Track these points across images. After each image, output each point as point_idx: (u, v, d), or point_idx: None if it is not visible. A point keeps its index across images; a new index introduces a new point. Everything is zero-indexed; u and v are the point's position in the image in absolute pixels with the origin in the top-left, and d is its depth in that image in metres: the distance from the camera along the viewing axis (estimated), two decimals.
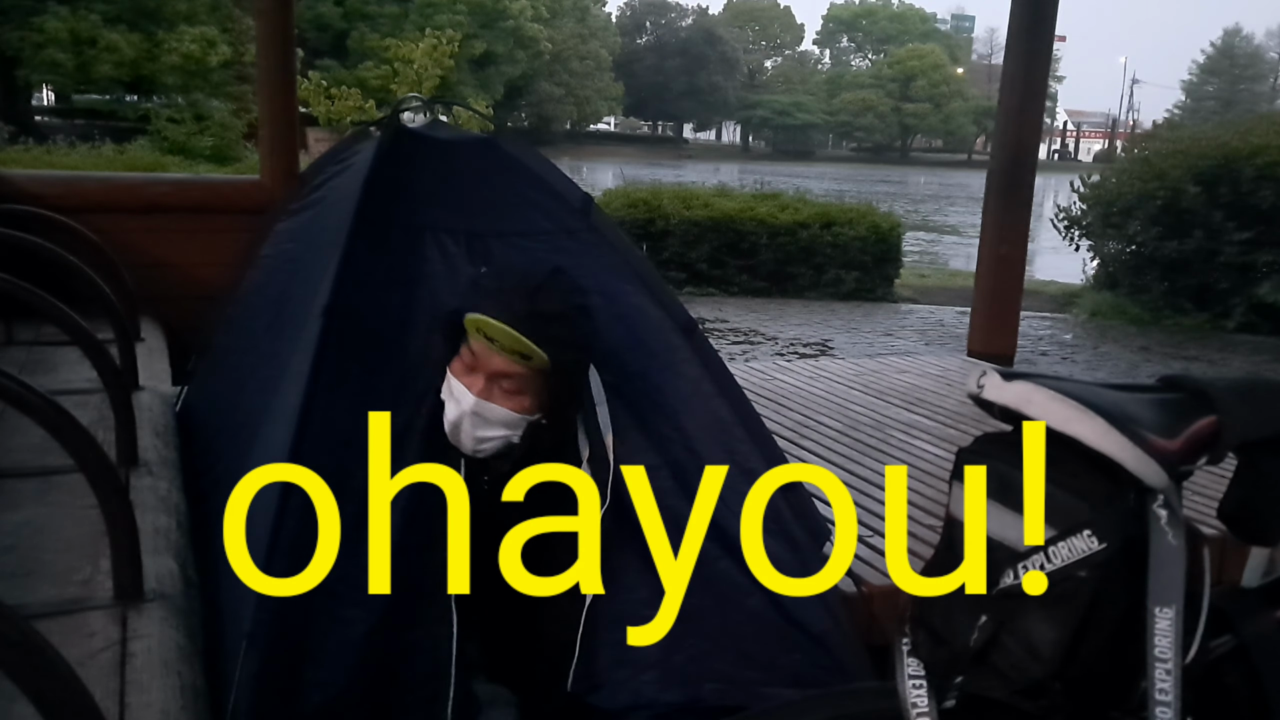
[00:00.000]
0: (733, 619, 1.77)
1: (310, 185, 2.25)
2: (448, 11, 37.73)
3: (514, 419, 1.66)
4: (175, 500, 1.76)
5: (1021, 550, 1.04)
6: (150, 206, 3.48)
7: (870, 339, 7.42)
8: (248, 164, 16.43)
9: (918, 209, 25.54)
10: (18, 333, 2.74)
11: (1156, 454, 1.03)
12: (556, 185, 2.03)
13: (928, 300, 9.70)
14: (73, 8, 24.26)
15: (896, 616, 1.17)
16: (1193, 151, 8.69)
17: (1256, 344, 7.71)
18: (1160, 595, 1.01)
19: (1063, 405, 1.04)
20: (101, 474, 1.28)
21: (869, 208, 10.39)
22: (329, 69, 31.14)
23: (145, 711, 1.09)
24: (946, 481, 1.16)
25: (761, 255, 9.46)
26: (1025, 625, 1.03)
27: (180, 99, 24.28)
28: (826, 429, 3.29)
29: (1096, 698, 1.06)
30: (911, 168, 57.52)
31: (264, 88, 3.60)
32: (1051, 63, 4.99)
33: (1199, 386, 1.12)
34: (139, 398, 2.17)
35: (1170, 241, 8.49)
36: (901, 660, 1.13)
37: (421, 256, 1.87)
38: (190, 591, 1.47)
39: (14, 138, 18.04)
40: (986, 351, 4.58)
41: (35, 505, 1.61)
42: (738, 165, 47.35)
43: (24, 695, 0.80)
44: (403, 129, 2.01)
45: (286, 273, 2.10)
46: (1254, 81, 70.15)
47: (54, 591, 1.33)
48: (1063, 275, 11.46)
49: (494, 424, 1.65)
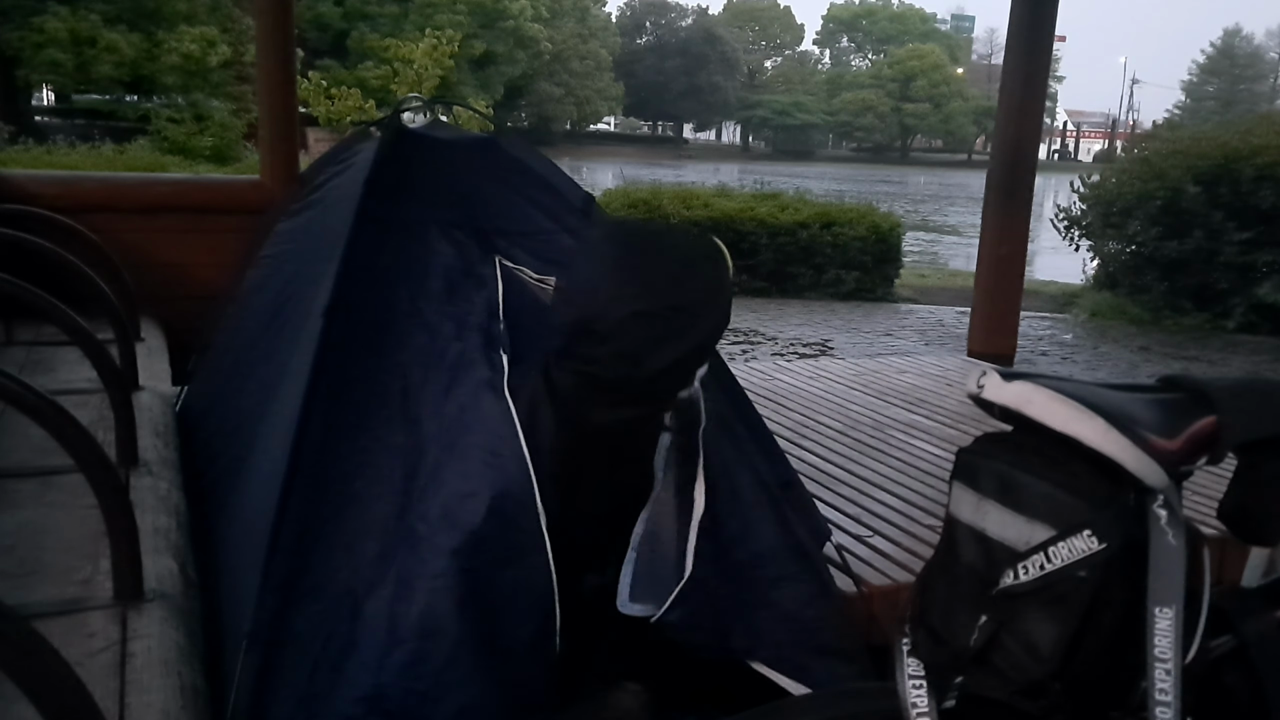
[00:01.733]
0: (789, 594, 1.81)
1: (310, 185, 2.26)
2: (448, 11, 37.71)
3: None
4: (175, 500, 1.76)
5: (1021, 550, 1.04)
6: (150, 206, 3.48)
7: (870, 339, 7.41)
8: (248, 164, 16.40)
9: (918, 209, 25.54)
10: (18, 333, 2.74)
11: (1156, 454, 1.03)
12: (557, 185, 2.03)
13: (928, 300, 9.69)
14: (73, 8, 24.23)
15: (896, 616, 1.17)
16: (1193, 151, 8.68)
17: (1256, 344, 7.71)
18: (1160, 595, 1.01)
19: (1063, 405, 1.04)
20: (101, 474, 1.28)
21: (869, 208, 10.39)
22: (329, 69, 31.13)
23: (145, 711, 1.09)
24: (946, 481, 1.16)
25: (761, 255, 9.46)
26: (1025, 625, 1.03)
27: (180, 99, 24.24)
28: (826, 429, 3.29)
29: (1096, 698, 1.06)
30: (911, 168, 57.49)
31: (264, 88, 3.60)
32: (1051, 63, 4.99)
33: (1199, 386, 1.12)
34: (139, 398, 2.17)
35: (1170, 241, 8.48)
36: (901, 660, 1.13)
37: (428, 250, 1.87)
38: (190, 591, 1.47)
39: (14, 138, 18.00)
40: (986, 352, 4.58)
41: (35, 505, 1.61)
42: (738, 165, 47.36)
43: (24, 695, 0.80)
44: (403, 129, 2.01)
45: (286, 273, 2.10)
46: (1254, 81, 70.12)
47: (54, 591, 1.33)
48: (1063, 275, 11.46)
49: None
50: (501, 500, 1.58)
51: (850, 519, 2.44)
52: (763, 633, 1.77)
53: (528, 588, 1.58)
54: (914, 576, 1.84)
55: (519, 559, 1.60)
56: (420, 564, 1.54)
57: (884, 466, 2.90)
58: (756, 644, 1.76)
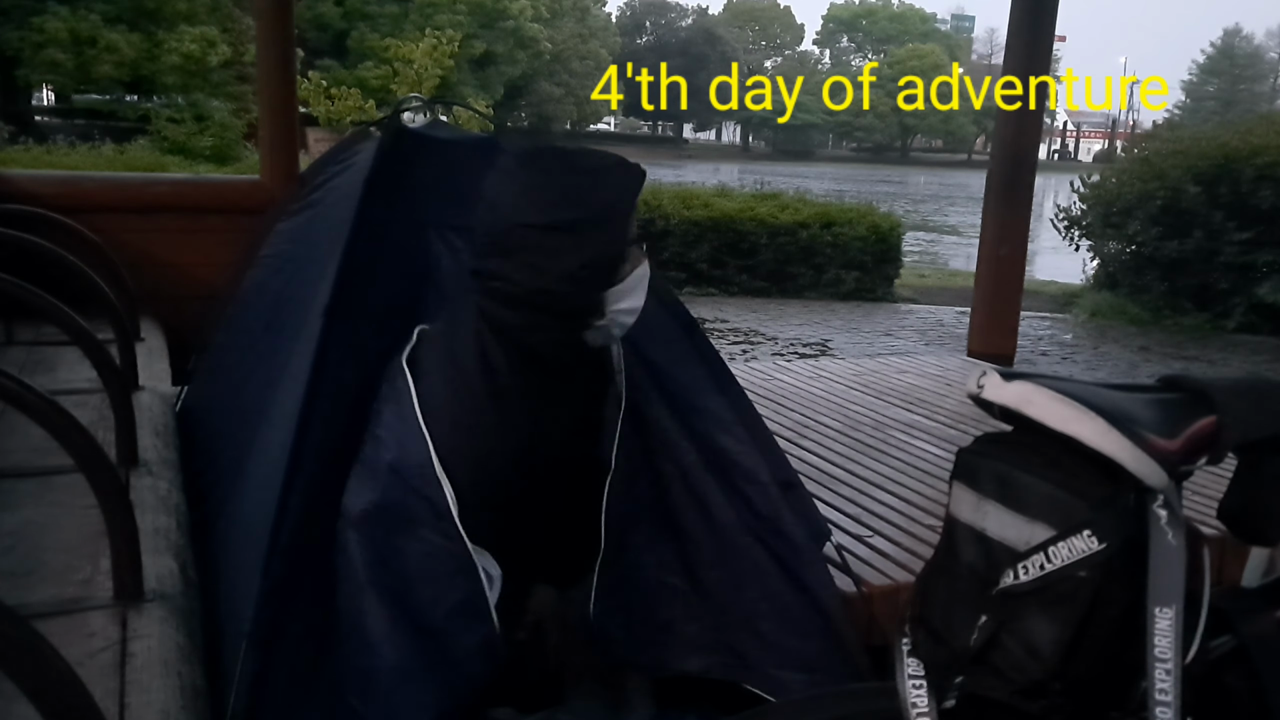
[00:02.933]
0: (750, 599, 1.82)
1: (310, 185, 2.25)
2: (448, 11, 37.71)
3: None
4: (175, 500, 1.76)
5: (1021, 550, 1.04)
6: (150, 206, 3.47)
7: (870, 339, 7.42)
8: (248, 164, 16.41)
9: (918, 209, 25.53)
10: (18, 333, 2.74)
11: (1156, 454, 1.03)
12: None
13: (928, 300, 9.70)
14: (73, 8, 24.22)
15: (896, 616, 1.17)
16: (1193, 151, 8.69)
17: (1256, 344, 7.71)
18: (1160, 595, 1.01)
19: (1063, 405, 1.04)
20: (101, 474, 1.28)
21: (869, 208, 10.39)
22: (329, 69, 31.12)
23: (145, 711, 1.09)
24: (946, 481, 1.16)
25: (761, 255, 9.46)
26: (1025, 625, 1.03)
27: (180, 99, 24.23)
28: (826, 429, 3.28)
29: (1096, 698, 1.06)
30: (911, 168, 57.49)
31: (264, 88, 3.60)
32: (1051, 63, 4.99)
33: (1199, 386, 1.12)
34: (139, 398, 2.17)
35: (1170, 241, 8.48)
36: (901, 660, 1.13)
37: (425, 253, 1.87)
38: (190, 591, 1.47)
39: (14, 138, 18.00)
40: (986, 352, 4.58)
41: (35, 505, 1.61)
42: (738, 165, 47.33)
43: (24, 695, 0.80)
44: (403, 129, 2.01)
45: (286, 273, 2.10)
46: (1254, 81, 70.11)
47: (54, 591, 1.33)
48: (1063, 275, 11.46)
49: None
50: (397, 470, 1.57)
51: (850, 519, 2.44)
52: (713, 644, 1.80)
53: (438, 556, 1.55)
54: (914, 576, 1.84)
55: (419, 527, 1.56)
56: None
57: (884, 466, 2.90)
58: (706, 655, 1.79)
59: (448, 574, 1.54)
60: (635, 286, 1.66)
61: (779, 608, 1.83)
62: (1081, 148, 73.37)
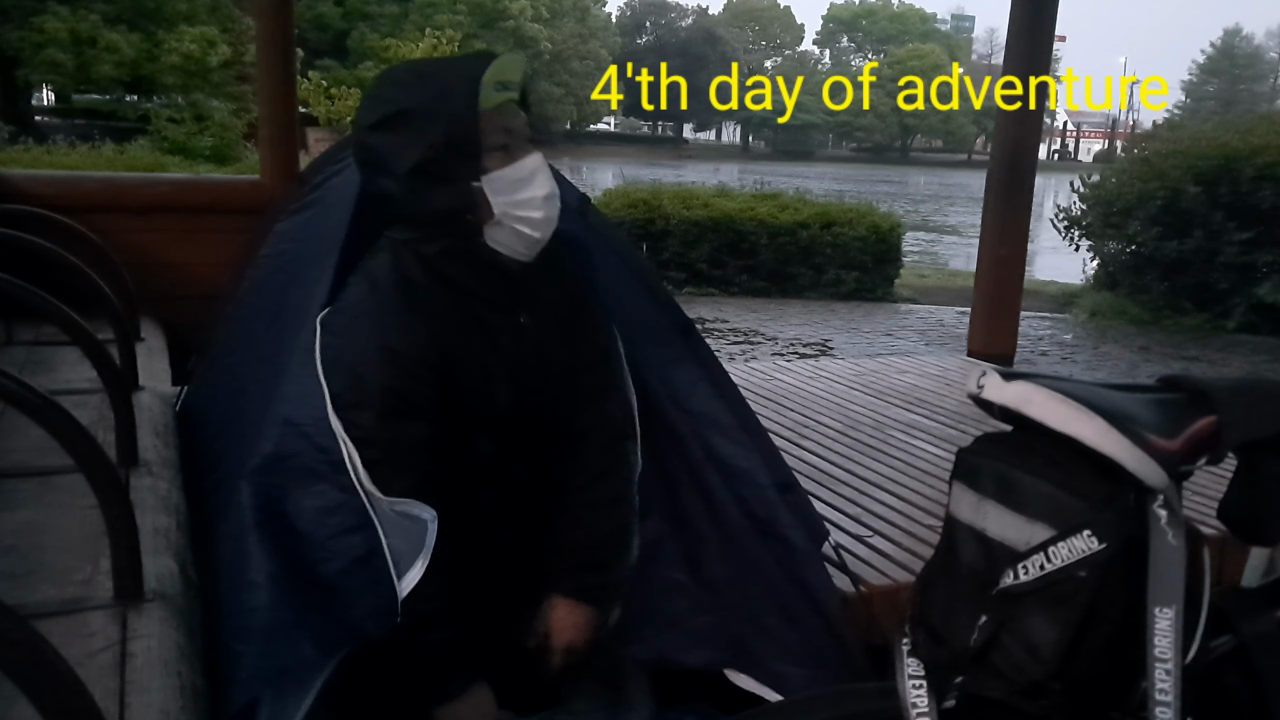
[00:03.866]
0: (753, 591, 1.82)
1: (310, 185, 2.25)
2: (448, 11, 37.77)
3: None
4: (175, 500, 1.76)
5: (1021, 550, 1.04)
6: (150, 206, 3.47)
7: (870, 339, 7.42)
8: (248, 164, 16.42)
9: (918, 209, 25.55)
10: (18, 333, 2.74)
11: (1156, 454, 1.03)
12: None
13: (928, 300, 9.70)
14: (73, 8, 24.24)
15: (896, 616, 1.17)
16: (1193, 151, 8.69)
17: (1256, 344, 7.71)
18: (1160, 595, 1.01)
19: (1063, 405, 1.04)
20: (101, 474, 1.28)
21: (869, 208, 10.40)
22: (329, 69, 31.15)
23: (145, 711, 1.08)
24: (946, 481, 1.16)
25: (761, 255, 9.46)
26: (1025, 625, 1.03)
27: (180, 99, 24.26)
28: (826, 429, 3.28)
29: (1096, 698, 1.06)
30: (911, 168, 57.52)
31: (264, 88, 3.59)
32: (1051, 63, 4.99)
33: (1199, 387, 1.12)
34: (139, 398, 2.16)
35: (1170, 241, 8.49)
36: (901, 660, 1.13)
37: None
38: (190, 591, 1.47)
39: (14, 138, 18.02)
40: (986, 352, 4.58)
41: (35, 505, 1.61)
42: (738, 165, 47.38)
43: (24, 695, 0.80)
44: None
45: (286, 273, 2.09)
46: (1254, 81, 70.17)
47: (54, 591, 1.33)
48: (1063, 275, 11.46)
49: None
50: (293, 421, 1.55)
51: (850, 519, 2.44)
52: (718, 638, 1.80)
53: (335, 511, 1.50)
54: (914, 576, 1.84)
55: (317, 481, 1.52)
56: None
57: (884, 466, 2.90)
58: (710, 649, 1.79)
59: (344, 529, 1.48)
60: (525, 177, 1.60)
61: (781, 603, 1.83)
62: (1081, 148, 73.43)
